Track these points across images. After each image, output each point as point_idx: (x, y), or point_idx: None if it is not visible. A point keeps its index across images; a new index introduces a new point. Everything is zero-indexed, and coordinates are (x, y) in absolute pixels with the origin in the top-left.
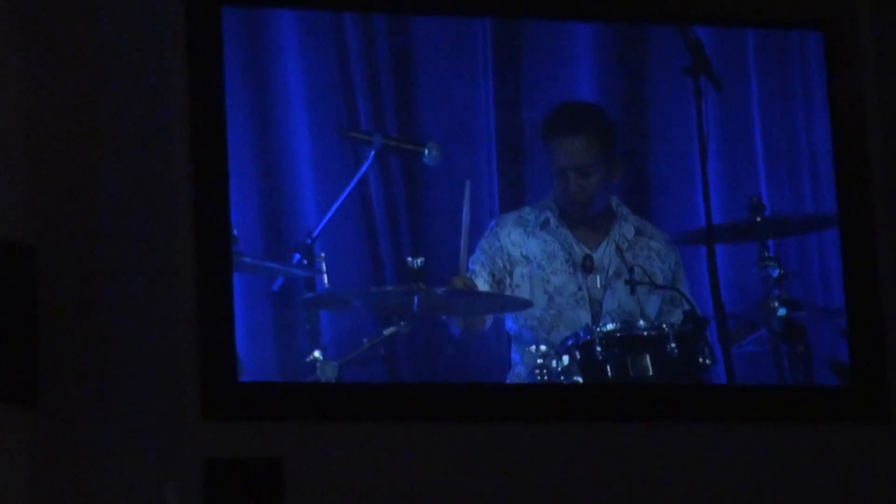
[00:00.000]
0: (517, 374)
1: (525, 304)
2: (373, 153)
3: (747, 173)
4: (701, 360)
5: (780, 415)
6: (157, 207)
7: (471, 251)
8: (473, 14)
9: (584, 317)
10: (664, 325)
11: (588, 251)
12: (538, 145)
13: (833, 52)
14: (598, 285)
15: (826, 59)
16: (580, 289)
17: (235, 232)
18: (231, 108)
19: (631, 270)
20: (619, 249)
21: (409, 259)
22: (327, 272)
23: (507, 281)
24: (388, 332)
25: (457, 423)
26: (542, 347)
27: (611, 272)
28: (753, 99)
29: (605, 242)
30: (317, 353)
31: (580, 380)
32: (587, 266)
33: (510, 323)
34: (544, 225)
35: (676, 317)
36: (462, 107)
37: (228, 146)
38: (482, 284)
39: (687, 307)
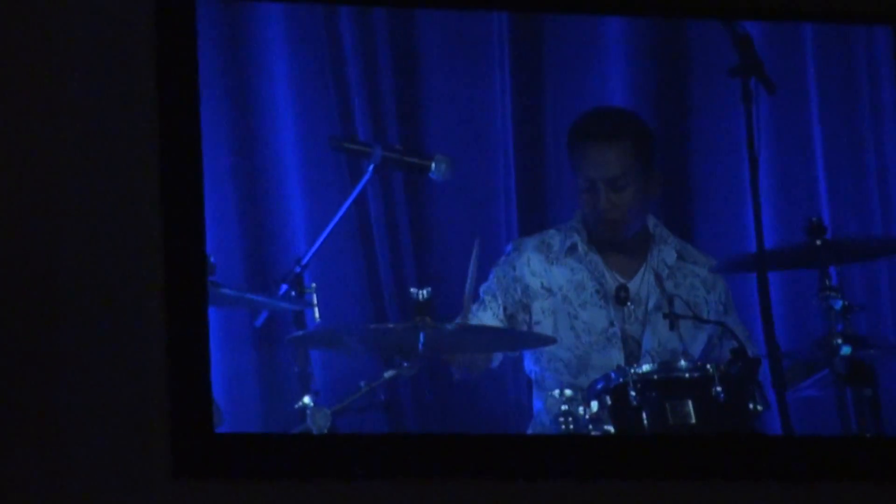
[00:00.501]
0: (540, 423)
1: (547, 341)
2: (372, 167)
3: (805, 190)
4: (751, 405)
5: (844, 471)
6: (120, 229)
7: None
8: (488, 7)
9: (617, 357)
10: (708, 366)
11: (622, 280)
12: (563, 158)
13: None
14: (635, 320)
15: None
16: (612, 325)
17: (212, 259)
18: (207, 115)
19: (671, 302)
20: (658, 278)
21: (414, 290)
22: (319, 305)
23: (522, 317)
24: (389, 374)
25: (469, 481)
26: (568, 392)
27: (650, 305)
28: (812, 104)
29: (642, 270)
30: (307, 399)
31: (611, 429)
32: (621, 298)
33: (530, 364)
34: (571, 251)
35: (725, 356)
36: (474, 114)
37: (204, 159)
38: (490, 319)
39: (735, 344)
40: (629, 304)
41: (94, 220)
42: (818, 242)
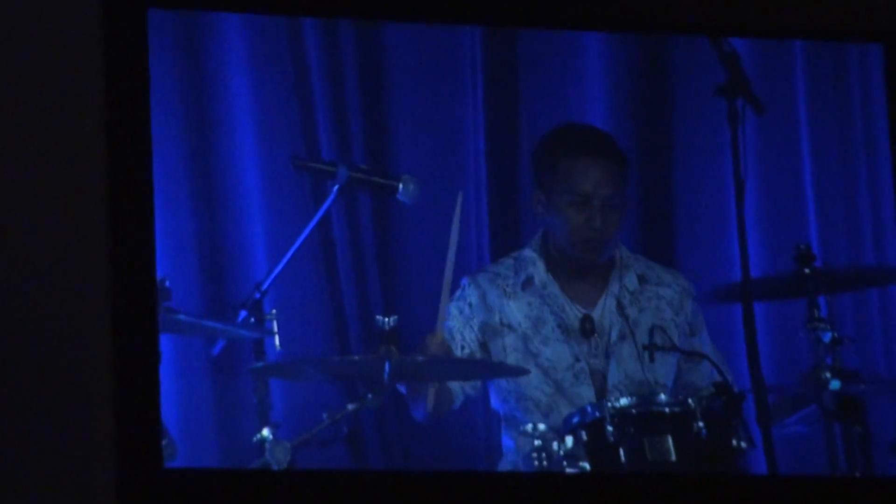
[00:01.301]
0: (511, 461)
1: (520, 371)
2: (336, 188)
3: (794, 216)
4: (735, 442)
5: None
6: (66, 250)
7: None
8: (459, 21)
9: (588, 394)
10: (690, 401)
11: (584, 310)
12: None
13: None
14: (599, 353)
15: (886, 76)
16: (578, 360)
17: (167, 283)
18: (161, 131)
19: (651, 333)
20: (619, 305)
21: (380, 318)
22: (279, 333)
23: (482, 356)
24: (352, 406)
25: None
26: (541, 426)
27: (613, 335)
28: (802, 125)
29: (603, 298)
30: (265, 432)
31: (587, 466)
32: (587, 330)
33: (496, 402)
34: (526, 284)
35: (698, 380)
36: (445, 133)
37: (157, 177)
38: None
39: (717, 377)
40: (595, 335)
41: (38, 239)
42: (807, 271)
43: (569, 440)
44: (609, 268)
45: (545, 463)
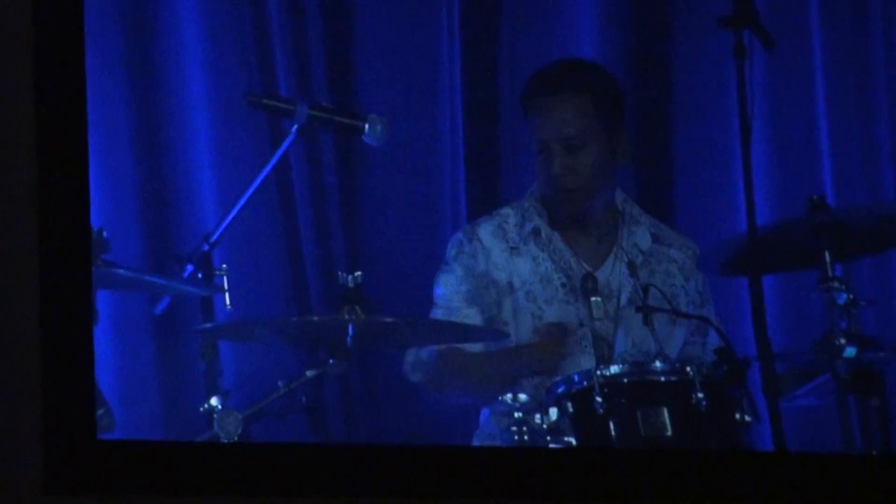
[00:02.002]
0: (488, 433)
1: (499, 335)
2: (295, 128)
3: (806, 163)
4: (738, 415)
5: (846, 493)
6: None
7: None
8: None
9: (587, 364)
10: (688, 368)
11: (589, 269)
12: (520, 119)
13: None
14: (605, 317)
15: None
16: (581, 325)
17: (105, 233)
18: (95, 63)
19: (645, 291)
20: (631, 266)
21: (342, 274)
22: (230, 290)
23: (500, 320)
24: (311, 373)
25: (404, 501)
26: (522, 396)
27: (623, 299)
28: (816, 61)
29: (612, 256)
30: (214, 401)
31: (573, 441)
32: (588, 289)
33: None
34: (531, 236)
35: (703, 356)
36: (417, 68)
37: (90, 116)
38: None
39: (719, 343)
40: (597, 297)
41: None
42: (820, 223)
43: (553, 412)
44: (615, 221)
45: (526, 437)
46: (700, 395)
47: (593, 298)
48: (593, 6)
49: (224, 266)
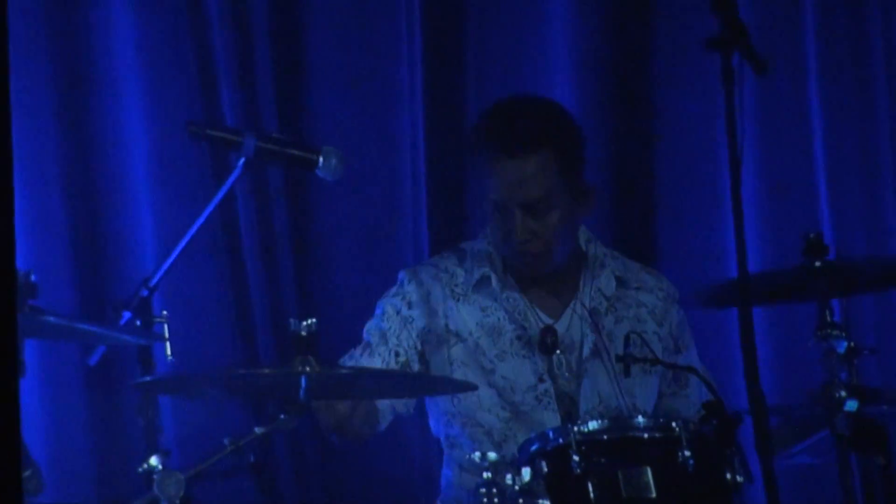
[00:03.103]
0: (454, 499)
1: (467, 387)
2: (243, 161)
3: (801, 199)
4: (729, 476)
5: None
6: None
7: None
8: None
9: (553, 421)
10: (674, 424)
11: (549, 320)
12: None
13: None
14: (567, 372)
15: None
16: (542, 379)
17: (33, 277)
18: (22, 87)
19: (626, 341)
20: (593, 314)
21: (294, 321)
22: (171, 339)
23: (418, 368)
24: (260, 429)
25: None
26: (491, 455)
27: (585, 350)
28: (811, 85)
29: (571, 305)
30: (154, 461)
31: None
32: (548, 345)
33: (436, 425)
34: (480, 284)
35: (683, 409)
36: (375, 96)
37: (16, 148)
38: (379, 366)
39: (704, 394)
40: (557, 351)
41: None
42: (817, 265)
43: (525, 472)
44: (578, 267)
45: (496, 500)
46: (687, 453)
47: (556, 354)
48: (566, 30)
49: (164, 313)
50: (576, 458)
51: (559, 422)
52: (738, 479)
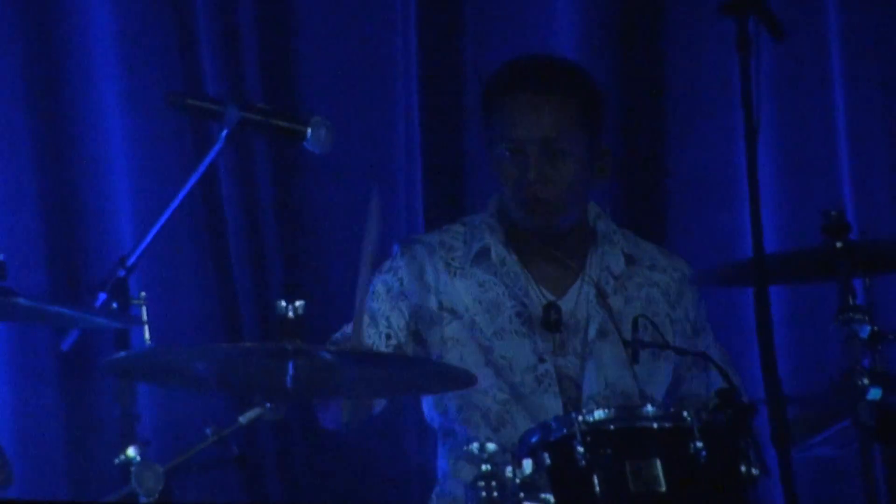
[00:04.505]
0: (449, 491)
1: (467, 379)
2: (225, 132)
3: (822, 174)
4: (744, 468)
5: None
6: None
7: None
8: None
9: (554, 406)
10: (685, 413)
11: (552, 297)
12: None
13: None
14: (571, 353)
15: None
16: (542, 360)
17: (2, 257)
18: None
19: (634, 325)
20: (600, 293)
21: (281, 302)
22: (150, 322)
23: (412, 349)
24: (245, 419)
25: None
26: (490, 446)
27: (591, 332)
28: (833, 54)
29: (578, 282)
30: (131, 452)
31: (550, 498)
32: (552, 322)
33: (430, 411)
34: (479, 258)
35: (703, 391)
36: (367, 65)
37: None
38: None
39: (722, 383)
40: (562, 329)
41: None
42: (838, 245)
43: (527, 464)
44: (585, 242)
45: (496, 494)
46: (699, 444)
47: (560, 333)
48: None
49: (142, 294)
50: (580, 449)
51: (560, 406)
52: (754, 471)
